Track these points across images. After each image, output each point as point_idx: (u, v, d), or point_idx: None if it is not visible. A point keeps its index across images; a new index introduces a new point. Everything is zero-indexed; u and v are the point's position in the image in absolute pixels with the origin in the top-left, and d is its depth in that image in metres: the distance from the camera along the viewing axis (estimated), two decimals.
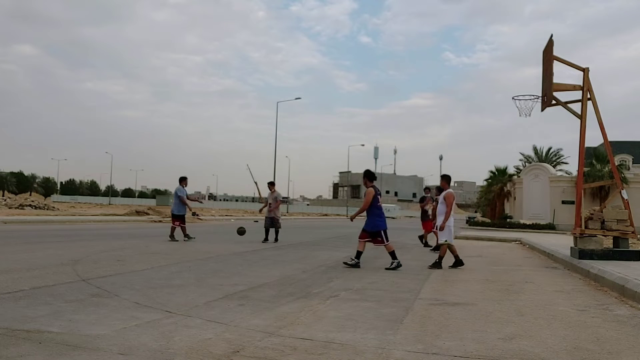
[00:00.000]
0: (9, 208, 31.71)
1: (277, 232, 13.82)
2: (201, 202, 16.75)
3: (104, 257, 8.54)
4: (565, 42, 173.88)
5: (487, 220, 33.27)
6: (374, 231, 8.55)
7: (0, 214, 23.27)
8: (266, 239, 13.46)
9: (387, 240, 8.55)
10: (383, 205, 9.28)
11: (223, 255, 9.81)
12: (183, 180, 13.48)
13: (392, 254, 8.53)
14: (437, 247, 12.68)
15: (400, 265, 8.45)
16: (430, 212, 13.83)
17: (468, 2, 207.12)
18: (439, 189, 13.25)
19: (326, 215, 72.90)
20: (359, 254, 8.63)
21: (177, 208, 13.35)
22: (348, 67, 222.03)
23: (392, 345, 3.63)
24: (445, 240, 8.93)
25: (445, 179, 9.28)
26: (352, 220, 10.03)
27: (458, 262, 8.99)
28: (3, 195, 71.82)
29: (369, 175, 8.76)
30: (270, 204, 13.75)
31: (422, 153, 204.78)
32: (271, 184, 14.10)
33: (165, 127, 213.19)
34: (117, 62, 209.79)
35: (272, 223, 13.64)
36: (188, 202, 13.41)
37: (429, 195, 14.45)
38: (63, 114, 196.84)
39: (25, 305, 4.49)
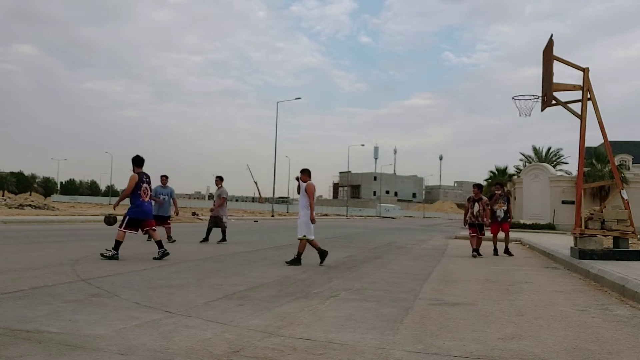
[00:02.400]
0: (9, 208, 31.70)
1: (223, 233, 12.73)
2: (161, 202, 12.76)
3: None
4: (566, 42, 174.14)
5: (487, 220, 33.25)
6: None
7: (0, 214, 23.28)
8: (205, 239, 12.38)
9: (122, 227, 8.32)
10: (383, 205, 9.26)
11: (223, 255, 9.81)
12: (163, 178, 12.82)
13: (117, 244, 8.23)
14: (506, 251, 11.69)
15: (116, 257, 8.08)
16: (499, 212, 11.79)
17: (468, 2, 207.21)
18: (501, 185, 12.39)
19: (326, 215, 72.93)
20: (117, 245, 8.23)
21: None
22: (348, 67, 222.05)
23: (392, 345, 3.63)
24: (304, 235, 8.67)
25: (306, 172, 9.00)
26: (114, 208, 9.52)
27: (322, 253, 8.73)
28: (3, 195, 71.85)
29: (136, 161, 8.61)
30: (214, 201, 12.82)
31: (422, 153, 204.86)
32: (219, 179, 12.95)
33: (165, 127, 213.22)
34: (117, 62, 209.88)
35: (215, 222, 12.65)
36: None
37: (499, 192, 12.04)
38: (63, 114, 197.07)
39: (24, 305, 4.49)
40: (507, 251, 11.95)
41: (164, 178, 12.86)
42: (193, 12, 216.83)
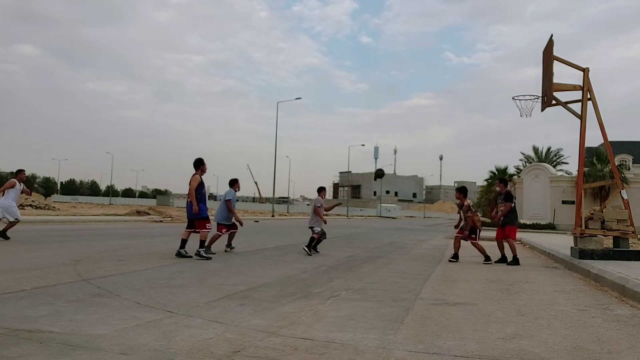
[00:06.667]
0: None
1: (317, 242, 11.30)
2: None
3: (105, 257, 8.55)
4: (566, 43, 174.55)
5: (487, 220, 33.27)
6: None
7: None
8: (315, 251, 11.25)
9: None
10: (384, 205, 9.30)
11: (224, 255, 9.82)
12: (235, 183, 11.02)
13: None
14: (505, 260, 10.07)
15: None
16: (500, 213, 10.23)
17: (469, 3, 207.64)
18: (501, 181, 10.66)
19: (326, 215, 72.78)
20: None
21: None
22: (349, 67, 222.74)
23: (393, 345, 3.63)
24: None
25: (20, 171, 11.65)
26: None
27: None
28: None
29: None
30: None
31: (422, 153, 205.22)
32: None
33: (167, 127, 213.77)
34: (119, 62, 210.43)
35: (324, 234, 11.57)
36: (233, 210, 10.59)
37: (498, 189, 10.64)
38: (64, 114, 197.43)
39: (26, 305, 4.50)
40: (512, 259, 10.06)
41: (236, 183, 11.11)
42: (194, 13, 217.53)
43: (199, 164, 9.10)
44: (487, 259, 10.09)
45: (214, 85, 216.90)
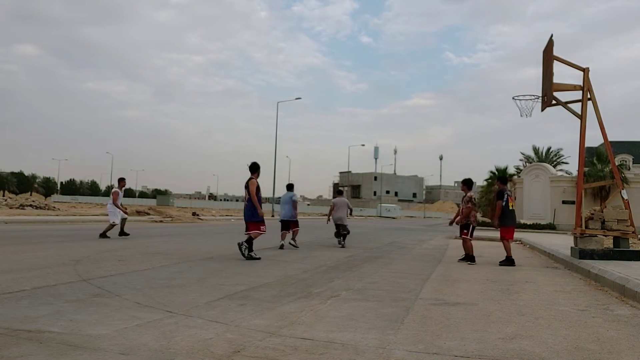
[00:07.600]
0: (10, 208, 31.72)
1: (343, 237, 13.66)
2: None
3: (105, 257, 8.55)
4: (567, 42, 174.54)
5: (487, 220, 33.26)
6: None
7: (1, 214, 23.29)
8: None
9: None
10: (384, 205, 9.39)
11: (224, 255, 9.81)
12: (291, 188, 12.64)
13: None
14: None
15: None
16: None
17: (469, 2, 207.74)
18: (499, 179, 10.63)
19: (327, 215, 72.81)
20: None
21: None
22: (349, 67, 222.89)
23: (393, 345, 3.63)
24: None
25: None
26: None
27: None
28: (4, 195, 71.82)
29: None
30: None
31: (422, 153, 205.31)
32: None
33: (167, 127, 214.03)
34: (119, 62, 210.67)
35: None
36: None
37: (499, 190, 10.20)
38: (64, 114, 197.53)
39: (26, 305, 4.50)
40: (505, 259, 9.88)
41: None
42: (194, 13, 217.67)
43: (257, 168, 9.36)
44: (468, 258, 10.00)
45: (214, 85, 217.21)
